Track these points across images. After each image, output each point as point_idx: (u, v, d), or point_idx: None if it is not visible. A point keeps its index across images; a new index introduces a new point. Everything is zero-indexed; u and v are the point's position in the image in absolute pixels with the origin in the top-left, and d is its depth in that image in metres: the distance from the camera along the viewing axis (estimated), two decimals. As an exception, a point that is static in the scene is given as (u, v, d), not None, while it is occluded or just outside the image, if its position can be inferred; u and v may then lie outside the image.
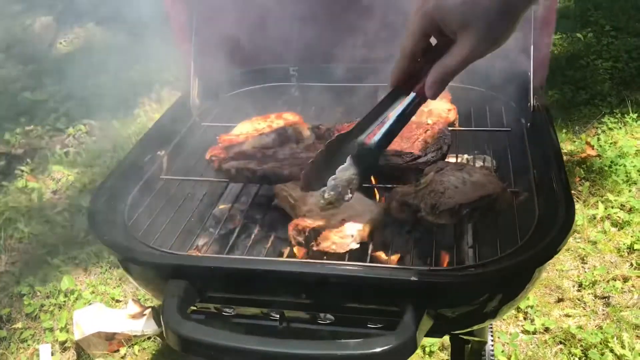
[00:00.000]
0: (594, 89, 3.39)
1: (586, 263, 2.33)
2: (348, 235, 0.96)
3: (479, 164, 1.33)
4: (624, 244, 2.37)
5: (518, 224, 0.99)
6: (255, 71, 1.49)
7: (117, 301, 2.30)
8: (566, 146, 2.96)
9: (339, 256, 0.98)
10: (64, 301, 2.30)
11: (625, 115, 3.06)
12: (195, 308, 1.01)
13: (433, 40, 0.84)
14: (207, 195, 1.26)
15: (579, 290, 2.22)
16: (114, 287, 2.36)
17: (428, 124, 1.22)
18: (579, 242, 2.42)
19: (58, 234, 2.69)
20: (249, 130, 1.27)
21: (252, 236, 1.09)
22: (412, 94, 0.87)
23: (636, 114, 3.03)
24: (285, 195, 1.07)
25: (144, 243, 1.00)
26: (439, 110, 1.28)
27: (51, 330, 2.20)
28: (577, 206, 2.57)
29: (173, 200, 1.19)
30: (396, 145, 1.14)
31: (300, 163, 1.13)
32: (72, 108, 3.72)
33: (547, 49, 1.33)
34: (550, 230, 0.87)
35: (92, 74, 4.01)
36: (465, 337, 1.16)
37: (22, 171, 3.12)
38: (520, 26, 0.76)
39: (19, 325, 2.23)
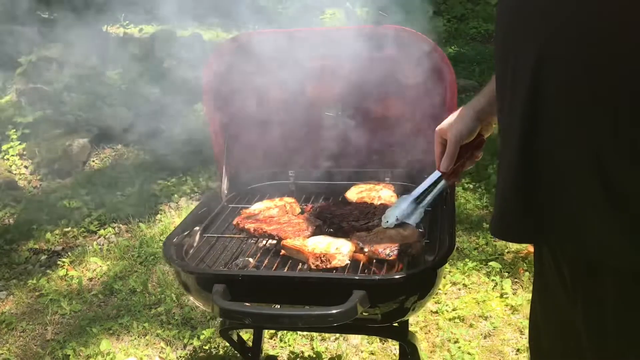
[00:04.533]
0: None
1: (523, 334, 2.90)
2: (345, 255, 1.62)
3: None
4: (554, 320, 2.96)
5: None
6: (266, 173, 2.18)
7: (146, 360, 2.85)
8: (514, 246, 3.62)
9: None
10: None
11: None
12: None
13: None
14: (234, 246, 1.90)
15: (516, 355, 2.78)
16: (142, 350, 2.91)
17: (378, 203, 1.89)
18: (518, 317, 3.00)
19: (94, 311, 3.26)
20: (262, 207, 1.93)
21: (263, 264, 1.73)
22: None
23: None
24: (291, 245, 1.69)
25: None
26: (386, 196, 1.96)
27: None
28: (519, 291, 3.20)
29: (212, 248, 1.83)
30: (356, 214, 1.80)
31: (294, 226, 1.78)
32: (102, 214, 4.39)
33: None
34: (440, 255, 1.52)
35: (120, 186, 4.75)
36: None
37: (64, 262, 3.74)
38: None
39: (66, 378, 2.76)
